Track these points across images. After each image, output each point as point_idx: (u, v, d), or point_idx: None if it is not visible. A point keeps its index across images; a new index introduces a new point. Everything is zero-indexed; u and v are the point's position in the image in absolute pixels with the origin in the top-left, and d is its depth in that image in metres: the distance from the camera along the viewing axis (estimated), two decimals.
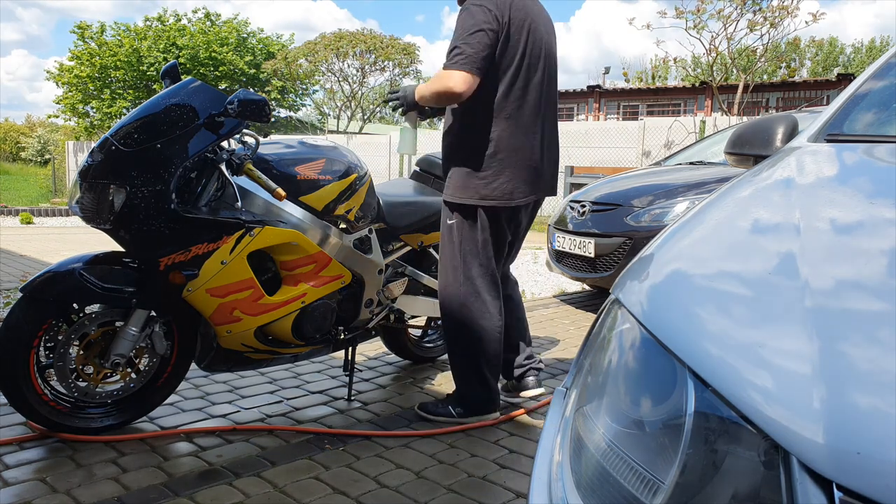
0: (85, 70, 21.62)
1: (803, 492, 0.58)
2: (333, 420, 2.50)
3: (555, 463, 0.91)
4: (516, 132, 2.29)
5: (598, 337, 1.00)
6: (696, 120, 9.97)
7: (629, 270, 1.03)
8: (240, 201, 2.14)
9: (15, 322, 2.09)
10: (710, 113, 14.47)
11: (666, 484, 0.70)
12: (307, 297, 2.37)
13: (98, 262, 2.18)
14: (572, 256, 4.49)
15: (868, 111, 1.56)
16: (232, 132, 2.15)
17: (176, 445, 2.22)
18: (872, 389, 0.62)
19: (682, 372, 0.74)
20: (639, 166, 9.52)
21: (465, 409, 2.48)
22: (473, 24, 2.17)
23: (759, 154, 1.62)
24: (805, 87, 15.64)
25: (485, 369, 2.44)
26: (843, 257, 0.86)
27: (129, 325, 2.18)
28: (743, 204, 1.16)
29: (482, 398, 2.47)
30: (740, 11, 11.09)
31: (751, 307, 0.80)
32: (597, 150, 10.81)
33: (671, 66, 13.14)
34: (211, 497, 1.89)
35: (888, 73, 1.62)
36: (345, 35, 19.70)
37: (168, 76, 2.26)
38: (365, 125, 23.18)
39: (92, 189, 2.05)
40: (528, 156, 2.33)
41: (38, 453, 2.13)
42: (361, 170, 2.52)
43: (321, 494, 1.93)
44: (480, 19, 2.17)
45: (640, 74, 24.24)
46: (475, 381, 2.46)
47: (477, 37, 2.16)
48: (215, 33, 21.64)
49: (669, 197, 4.18)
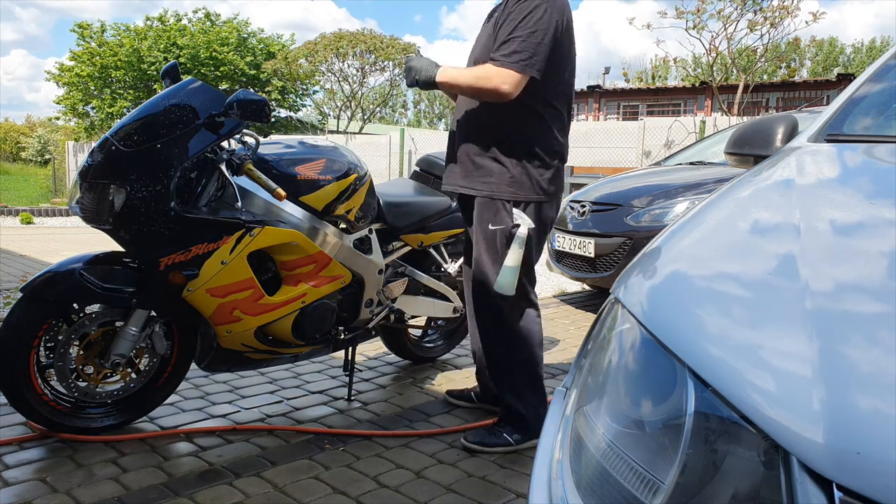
0: (85, 70, 21.60)
1: (803, 492, 0.58)
2: (333, 420, 2.50)
3: (555, 461, 0.91)
4: (564, 128, 2.23)
5: (598, 337, 1.00)
6: (696, 120, 9.97)
7: (629, 270, 1.03)
8: (240, 201, 2.14)
9: (15, 322, 2.09)
10: (710, 113, 14.47)
11: (666, 484, 0.70)
12: (307, 298, 2.37)
13: (98, 262, 2.18)
14: (572, 256, 4.49)
15: (868, 111, 1.56)
16: (232, 132, 2.15)
17: (176, 445, 2.22)
18: (872, 390, 0.62)
19: (682, 372, 0.74)
20: (639, 166, 9.52)
21: (524, 434, 2.24)
22: (536, 23, 2.03)
23: (759, 154, 1.62)
24: (805, 87, 15.65)
25: (542, 381, 2.27)
26: (844, 258, 0.86)
27: (130, 325, 2.19)
28: (743, 204, 1.16)
29: (541, 415, 2.12)
30: (740, 11, 11.10)
31: (751, 308, 0.80)
32: (597, 150, 10.81)
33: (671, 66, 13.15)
34: (211, 497, 1.89)
35: (888, 74, 1.62)
36: (345, 35, 19.69)
37: (168, 76, 2.26)
38: (365, 125, 23.17)
39: (92, 189, 2.05)
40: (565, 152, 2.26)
41: (38, 453, 2.13)
42: (361, 170, 2.52)
43: (321, 494, 1.93)
44: (544, 18, 2.04)
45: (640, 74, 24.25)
46: (533, 398, 2.24)
47: (538, 36, 2.03)
48: (216, 33, 21.62)
49: (669, 197, 4.18)
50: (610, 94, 18.64)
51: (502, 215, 2.18)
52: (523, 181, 2.17)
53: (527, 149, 2.17)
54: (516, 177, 2.17)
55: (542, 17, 2.04)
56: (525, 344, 2.26)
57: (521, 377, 2.27)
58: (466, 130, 2.26)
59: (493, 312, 2.25)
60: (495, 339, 2.28)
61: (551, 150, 2.20)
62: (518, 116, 2.16)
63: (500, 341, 2.27)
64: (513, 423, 2.27)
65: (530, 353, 2.27)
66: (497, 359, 2.30)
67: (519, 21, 2.04)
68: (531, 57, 2.03)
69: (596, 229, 4.32)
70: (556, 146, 2.21)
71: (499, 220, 2.18)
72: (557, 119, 2.21)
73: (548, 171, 2.20)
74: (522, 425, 2.26)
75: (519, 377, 2.27)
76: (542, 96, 2.15)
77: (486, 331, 2.31)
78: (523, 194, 2.18)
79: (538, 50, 2.04)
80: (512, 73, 2.02)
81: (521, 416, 2.26)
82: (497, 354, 2.29)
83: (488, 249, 2.21)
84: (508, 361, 2.27)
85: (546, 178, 2.20)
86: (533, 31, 2.03)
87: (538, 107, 2.15)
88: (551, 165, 2.22)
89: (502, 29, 2.09)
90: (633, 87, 19.30)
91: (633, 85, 20.53)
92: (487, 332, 2.31)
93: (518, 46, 2.03)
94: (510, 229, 2.16)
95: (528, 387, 2.27)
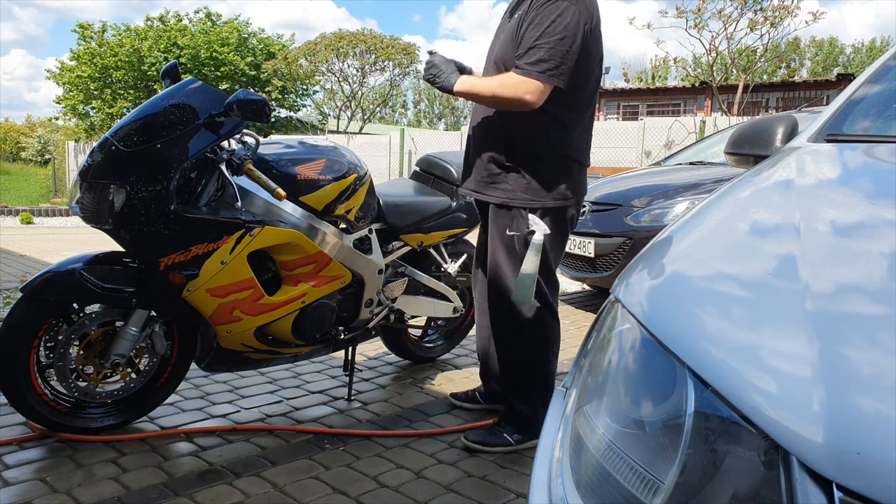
0: (86, 70, 21.62)
1: (803, 492, 0.58)
2: (333, 420, 2.50)
3: (555, 461, 0.91)
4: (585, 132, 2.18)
5: (598, 337, 1.00)
6: (696, 120, 9.97)
7: (629, 270, 1.03)
8: (240, 201, 2.14)
9: (15, 322, 2.09)
10: (710, 113, 14.46)
11: (666, 484, 0.70)
12: (307, 297, 2.37)
13: (98, 262, 2.18)
14: (572, 256, 4.49)
15: (868, 111, 1.56)
16: (232, 132, 2.15)
17: (176, 445, 2.22)
18: (873, 391, 0.62)
19: (682, 372, 0.74)
20: (639, 166, 9.51)
21: (524, 434, 2.23)
22: (565, 28, 1.92)
23: (759, 154, 1.62)
24: (805, 87, 15.64)
25: (553, 387, 2.22)
26: (844, 259, 0.86)
27: (129, 325, 2.19)
28: (743, 204, 1.16)
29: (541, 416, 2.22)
30: (741, 11, 11.10)
31: (751, 308, 0.80)
32: (597, 150, 10.72)
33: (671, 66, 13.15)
34: (211, 497, 1.89)
35: (888, 74, 1.62)
36: (345, 35, 19.70)
37: (168, 76, 2.26)
38: (365, 125, 23.18)
39: (92, 189, 2.05)
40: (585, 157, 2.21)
41: (38, 453, 2.13)
42: (361, 170, 2.52)
43: (321, 494, 1.93)
44: (573, 22, 1.93)
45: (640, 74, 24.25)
46: (539, 401, 2.20)
47: (566, 43, 1.92)
48: (216, 33, 21.63)
49: (669, 197, 4.18)
50: (610, 94, 18.63)
51: (518, 221, 2.14)
52: (539, 188, 2.12)
53: (543, 155, 2.12)
54: (532, 184, 2.12)
55: (571, 21, 1.94)
56: (540, 350, 2.23)
57: (532, 382, 2.25)
58: (483, 136, 2.22)
59: (510, 318, 2.21)
60: (510, 344, 2.26)
61: (569, 156, 2.14)
62: (536, 123, 2.09)
63: (514, 347, 2.24)
64: (513, 423, 2.27)
65: (544, 359, 2.24)
66: (510, 363, 2.27)
67: (547, 25, 1.93)
68: (558, 66, 1.94)
69: (596, 229, 4.32)
70: (573, 152, 2.15)
71: (515, 227, 2.15)
72: (577, 123, 2.13)
73: (565, 176, 2.15)
74: (523, 425, 2.25)
75: (529, 382, 2.25)
76: (565, 102, 2.06)
77: (502, 336, 2.27)
78: (540, 201, 2.13)
79: (566, 59, 1.94)
80: (537, 83, 1.94)
81: (521, 417, 2.26)
82: (510, 359, 2.27)
83: (507, 255, 2.18)
84: (521, 367, 2.24)
85: (563, 183, 2.14)
86: (562, 38, 1.92)
87: (559, 113, 2.08)
88: (570, 171, 2.16)
89: (528, 32, 1.97)
90: (633, 87, 19.30)
91: (633, 85, 20.53)
92: (503, 337, 2.27)
93: (545, 55, 1.93)
94: (526, 236, 2.13)
95: (537, 392, 2.24)
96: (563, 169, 2.15)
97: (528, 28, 1.98)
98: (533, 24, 1.97)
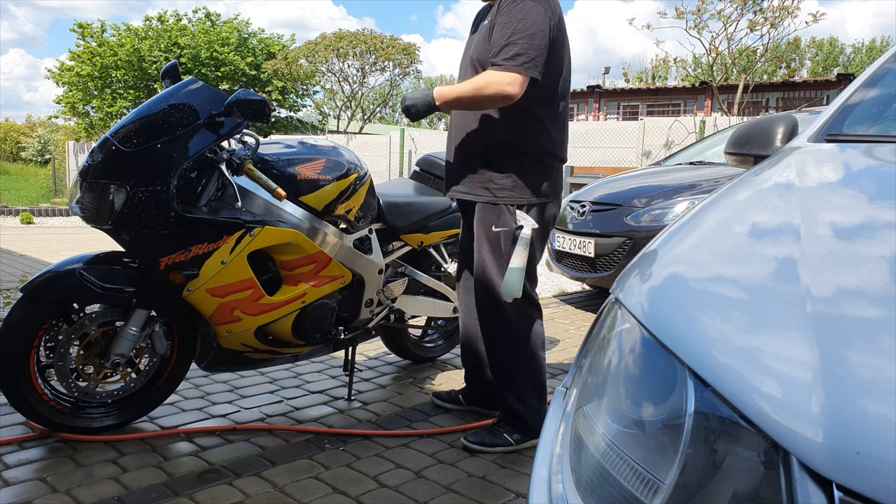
0: (86, 69, 21.60)
1: (803, 492, 0.58)
2: (333, 420, 2.50)
3: (555, 461, 0.91)
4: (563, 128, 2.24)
5: (598, 337, 1.00)
6: (696, 120, 9.96)
7: (629, 270, 1.03)
8: (240, 201, 2.14)
9: (15, 322, 2.09)
10: (710, 113, 14.47)
11: (666, 484, 0.70)
12: (307, 297, 2.37)
13: (98, 262, 2.18)
14: (572, 256, 4.49)
15: (868, 111, 1.56)
16: (232, 132, 2.15)
17: (176, 445, 2.22)
18: (872, 393, 0.62)
19: (682, 372, 0.74)
20: (639, 166, 9.51)
21: (523, 434, 2.25)
22: (532, 24, 2.04)
23: (759, 154, 1.62)
24: (805, 87, 15.65)
25: (545, 382, 2.28)
26: (844, 262, 0.86)
27: (130, 324, 2.19)
28: (743, 205, 1.16)
29: (540, 415, 2.18)
30: (740, 11, 11.09)
31: (751, 310, 0.80)
32: (597, 150, 10.80)
33: (671, 66, 13.15)
34: (211, 497, 1.89)
35: (888, 74, 1.62)
36: (345, 35, 19.69)
37: (168, 76, 2.26)
38: (365, 125, 23.16)
39: (92, 189, 2.05)
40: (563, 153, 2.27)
41: (38, 453, 2.13)
42: (361, 170, 2.52)
43: (321, 494, 1.94)
44: (540, 19, 2.05)
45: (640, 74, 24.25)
46: (534, 398, 2.25)
47: (537, 38, 2.04)
48: (216, 33, 21.62)
49: (669, 197, 4.18)
50: (610, 94, 18.64)
51: (505, 218, 2.18)
52: (523, 185, 2.18)
53: (525, 152, 2.18)
54: (517, 181, 2.18)
55: (539, 17, 2.05)
56: (529, 346, 2.26)
57: (524, 379, 2.26)
58: (464, 136, 2.27)
59: (498, 315, 2.24)
60: (499, 342, 2.27)
61: (549, 153, 2.22)
62: (515, 120, 2.16)
63: (504, 344, 2.26)
64: (513, 423, 2.27)
65: (533, 354, 2.27)
66: (500, 361, 2.29)
67: (517, 24, 2.04)
68: (534, 59, 2.04)
69: (596, 229, 4.33)
70: (553, 148, 2.22)
71: (502, 223, 2.19)
72: (555, 119, 2.21)
73: (547, 173, 2.22)
74: (522, 425, 2.26)
75: (521, 379, 2.26)
76: (540, 97, 2.14)
77: (490, 333, 2.29)
78: (525, 198, 2.19)
79: (539, 52, 2.05)
80: (516, 75, 2.02)
81: (521, 417, 2.26)
82: (501, 357, 2.28)
83: (492, 252, 2.21)
84: (512, 363, 2.26)
85: (545, 180, 2.21)
86: (533, 34, 2.03)
87: (536, 109, 2.15)
88: (551, 167, 2.23)
89: (498, 32, 2.07)
90: (633, 87, 19.30)
91: (633, 85, 20.53)
92: (491, 334, 2.29)
93: (520, 49, 2.02)
94: (514, 231, 2.17)
95: (529, 388, 2.27)
96: (545, 165, 2.21)
97: (499, 28, 2.08)
98: (502, 24, 2.07)
